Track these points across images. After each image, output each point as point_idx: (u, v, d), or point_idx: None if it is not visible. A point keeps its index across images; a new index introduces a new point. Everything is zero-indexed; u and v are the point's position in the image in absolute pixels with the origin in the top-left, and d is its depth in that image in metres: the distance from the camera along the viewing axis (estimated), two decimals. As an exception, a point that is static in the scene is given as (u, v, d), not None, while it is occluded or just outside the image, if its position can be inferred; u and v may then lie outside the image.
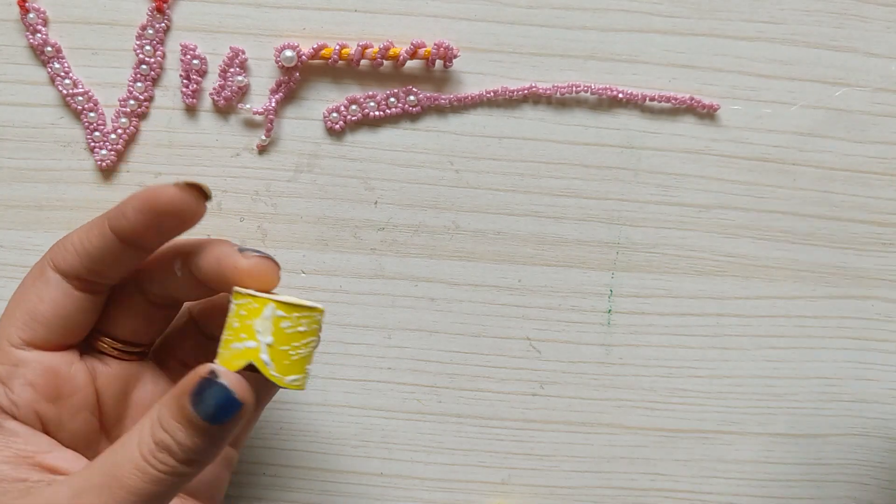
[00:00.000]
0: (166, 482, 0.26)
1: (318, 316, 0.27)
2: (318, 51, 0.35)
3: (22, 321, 0.28)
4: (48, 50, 0.35)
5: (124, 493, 0.25)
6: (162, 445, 0.26)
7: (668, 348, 0.38)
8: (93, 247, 0.28)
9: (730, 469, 0.39)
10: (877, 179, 0.37)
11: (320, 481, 0.38)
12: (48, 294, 0.28)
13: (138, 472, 0.26)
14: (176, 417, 0.26)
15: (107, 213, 0.28)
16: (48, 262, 0.28)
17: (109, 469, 0.26)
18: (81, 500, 0.25)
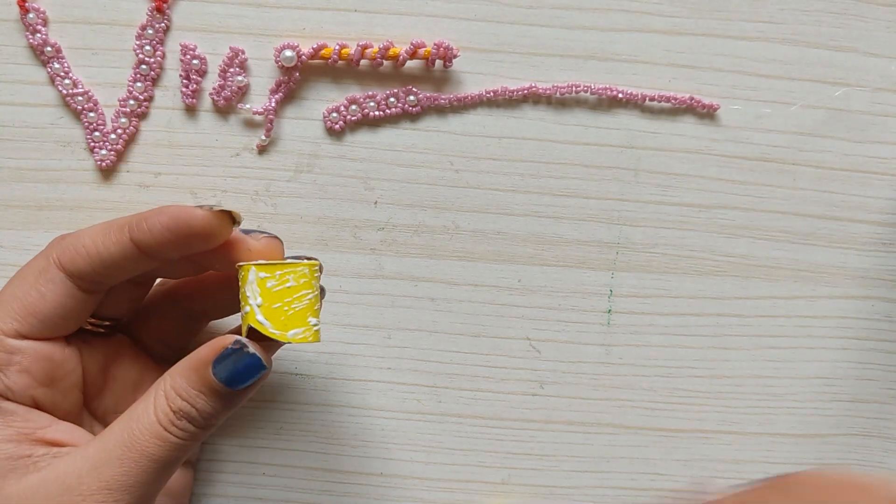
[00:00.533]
0: (184, 447, 0.28)
1: (304, 269, 0.28)
2: (318, 51, 0.35)
3: (19, 315, 0.29)
4: (48, 50, 0.35)
5: (145, 462, 0.27)
6: (181, 413, 0.27)
7: (668, 348, 0.38)
8: (108, 253, 0.28)
9: (730, 469, 0.39)
10: (877, 179, 0.37)
11: (320, 481, 0.38)
12: (51, 293, 0.29)
13: (158, 440, 0.27)
14: (196, 386, 0.28)
15: (125, 221, 0.29)
16: (53, 260, 0.29)
17: (128, 440, 0.27)
18: (103, 472, 0.27)
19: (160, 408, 0.28)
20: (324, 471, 0.38)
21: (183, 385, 0.28)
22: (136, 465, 0.27)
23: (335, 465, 0.38)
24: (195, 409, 0.28)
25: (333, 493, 0.38)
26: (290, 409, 0.38)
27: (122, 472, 0.27)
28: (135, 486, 0.27)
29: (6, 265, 0.36)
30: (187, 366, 0.28)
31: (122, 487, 0.27)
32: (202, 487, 0.38)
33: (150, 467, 0.27)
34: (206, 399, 0.28)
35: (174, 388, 0.28)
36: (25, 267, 0.30)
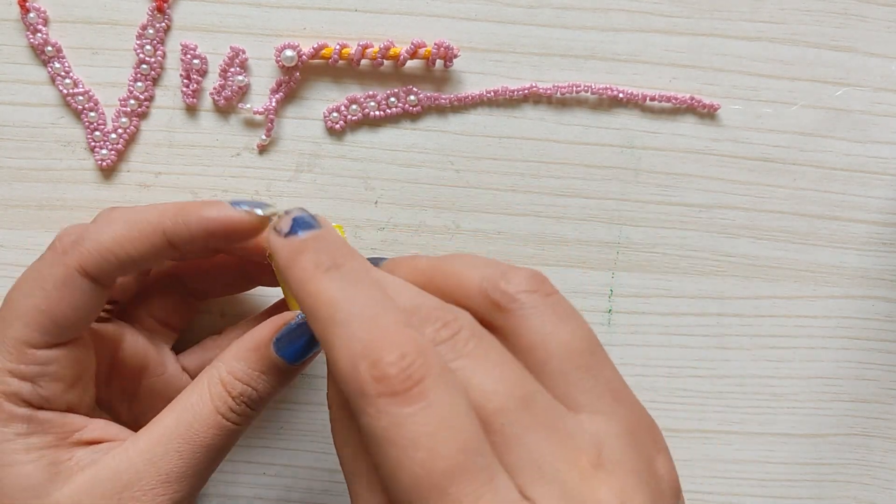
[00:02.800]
0: (240, 431, 0.28)
1: None
2: (319, 50, 0.35)
3: (47, 327, 0.27)
4: (48, 49, 0.35)
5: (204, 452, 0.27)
6: (241, 398, 0.27)
7: (668, 348, 0.38)
8: (139, 254, 0.28)
9: (730, 469, 0.39)
10: (877, 179, 0.37)
11: (320, 481, 0.38)
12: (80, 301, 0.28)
13: (216, 430, 0.27)
14: (257, 367, 0.28)
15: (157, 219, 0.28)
16: (76, 269, 0.27)
17: (185, 433, 0.27)
18: (161, 466, 0.27)
19: (218, 396, 0.28)
20: (324, 471, 0.38)
21: (242, 368, 0.28)
22: (194, 456, 0.27)
23: (335, 465, 0.38)
24: (256, 392, 0.28)
25: (333, 493, 0.38)
26: (290, 409, 0.38)
27: (181, 464, 0.27)
28: (193, 477, 0.27)
29: (6, 265, 0.36)
30: (245, 347, 0.28)
31: (181, 479, 0.27)
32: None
33: (208, 457, 0.27)
34: (266, 378, 0.28)
35: (232, 372, 0.28)
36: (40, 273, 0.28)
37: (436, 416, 0.20)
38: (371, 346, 0.20)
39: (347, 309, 0.22)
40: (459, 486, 0.19)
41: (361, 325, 0.21)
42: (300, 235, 0.24)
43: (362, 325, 0.21)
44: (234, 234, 0.28)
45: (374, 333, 0.21)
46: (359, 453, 0.24)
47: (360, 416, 0.21)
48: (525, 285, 0.24)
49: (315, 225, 0.24)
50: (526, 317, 0.24)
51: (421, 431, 0.20)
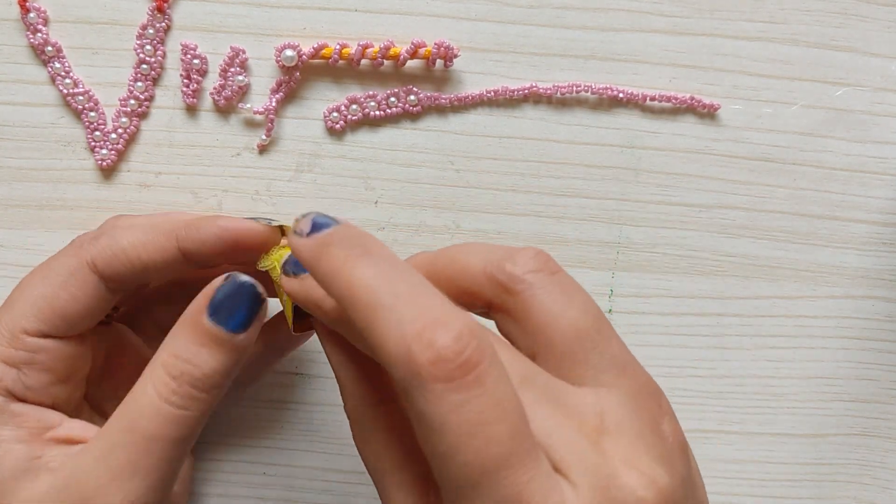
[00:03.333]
0: (191, 418, 0.26)
1: None
2: (319, 50, 0.35)
3: (46, 315, 0.28)
4: (49, 49, 0.35)
5: (150, 444, 0.25)
6: (183, 378, 0.25)
7: (668, 348, 0.38)
8: (151, 260, 0.28)
9: (730, 469, 0.39)
10: (877, 179, 0.37)
11: (321, 481, 0.38)
12: (84, 296, 0.28)
13: (160, 417, 0.25)
14: (194, 340, 0.26)
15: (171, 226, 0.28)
16: (88, 263, 0.28)
17: (127, 425, 0.25)
18: (109, 463, 0.25)
19: (157, 380, 0.26)
20: (324, 470, 0.38)
21: (179, 344, 0.26)
22: (140, 449, 0.25)
23: (335, 465, 0.38)
24: (198, 368, 0.25)
25: (333, 493, 0.38)
26: (290, 409, 0.38)
27: (128, 460, 0.25)
28: (145, 471, 0.25)
29: (6, 265, 0.36)
30: (180, 323, 0.26)
31: (132, 476, 0.25)
32: (202, 487, 0.38)
33: (157, 448, 0.25)
34: (207, 352, 0.26)
35: (170, 351, 0.26)
36: (51, 264, 0.29)
37: (490, 402, 0.20)
38: (424, 328, 0.19)
39: (391, 290, 0.20)
40: (511, 470, 0.19)
41: (409, 306, 0.20)
42: (324, 231, 0.23)
43: (410, 307, 0.20)
44: (246, 243, 0.28)
45: (425, 314, 0.20)
46: (383, 451, 0.24)
47: (413, 400, 0.20)
48: (531, 265, 0.24)
49: (334, 222, 0.23)
50: (534, 297, 0.24)
51: (477, 419, 0.19)
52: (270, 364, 0.34)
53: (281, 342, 0.33)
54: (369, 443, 0.25)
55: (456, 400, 0.19)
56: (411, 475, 0.24)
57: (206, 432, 0.37)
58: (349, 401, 0.25)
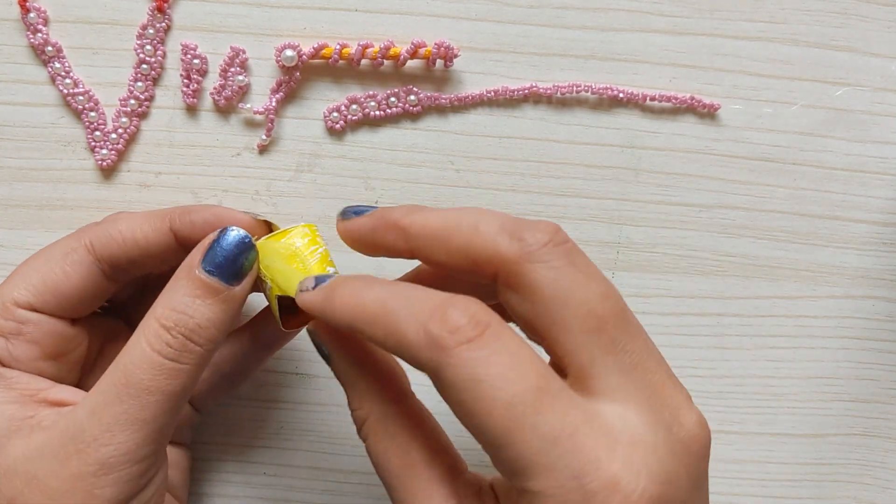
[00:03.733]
0: (185, 371, 0.26)
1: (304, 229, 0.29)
2: (319, 50, 0.35)
3: (37, 289, 0.28)
4: (49, 49, 0.35)
5: (145, 396, 0.25)
6: (177, 330, 0.26)
7: (668, 348, 0.38)
8: (145, 240, 0.29)
9: (730, 469, 0.39)
10: (877, 179, 0.37)
11: (320, 481, 0.38)
12: (77, 274, 0.29)
13: (154, 369, 0.25)
14: (189, 291, 0.26)
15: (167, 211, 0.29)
16: (85, 243, 0.29)
17: (121, 377, 0.25)
18: (102, 415, 0.25)
19: (151, 331, 0.26)
20: (324, 471, 0.38)
21: (175, 296, 0.26)
22: (135, 401, 0.25)
23: (335, 465, 0.38)
24: (193, 319, 0.26)
25: (333, 493, 0.38)
26: (290, 409, 0.38)
27: (122, 410, 0.25)
28: (139, 423, 0.25)
29: (6, 265, 0.36)
30: (175, 277, 0.27)
31: (126, 427, 0.25)
32: (202, 487, 0.38)
33: (151, 401, 0.25)
34: (202, 303, 0.26)
35: (165, 304, 0.26)
36: (53, 244, 0.30)
37: (512, 349, 0.22)
38: (434, 309, 0.22)
39: (399, 296, 0.23)
40: (548, 403, 0.21)
41: (417, 301, 0.23)
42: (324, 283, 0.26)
43: (419, 301, 0.23)
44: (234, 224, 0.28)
45: (432, 301, 0.23)
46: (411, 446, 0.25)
47: (443, 374, 0.22)
48: (547, 238, 0.24)
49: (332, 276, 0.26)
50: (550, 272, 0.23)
51: (505, 364, 0.22)
52: (261, 361, 0.34)
53: (268, 337, 0.33)
54: (395, 438, 0.25)
55: (481, 355, 0.21)
56: (441, 468, 0.25)
57: (206, 432, 0.37)
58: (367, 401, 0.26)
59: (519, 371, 0.22)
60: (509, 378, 0.21)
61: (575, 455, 0.21)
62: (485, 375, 0.21)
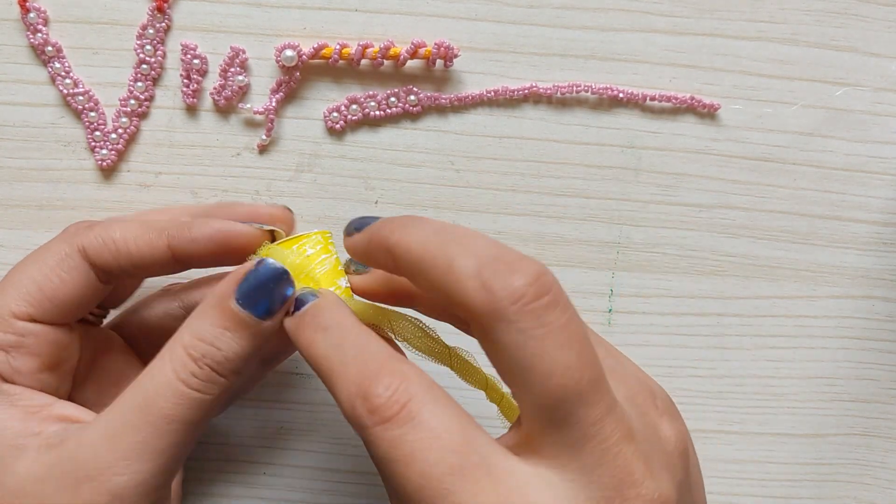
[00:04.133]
0: (207, 402, 0.25)
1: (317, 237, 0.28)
2: (319, 50, 0.35)
3: (35, 298, 0.28)
4: (49, 49, 0.35)
5: (165, 425, 0.25)
6: (204, 361, 0.25)
7: (668, 348, 0.38)
8: (139, 253, 0.28)
9: (730, 469, 0.39)
10: (877, 179, 0.37)
11: (321, 481, 0.38)
12: (72, 280, 0.28)
13: (177, 399, 0.25)
14: (219, 323, 0.26)
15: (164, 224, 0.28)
16: (78, 248, 0.28)
17: (142, 403, 0.25)
18: (118, 442, 0.25)
19: (177, 360, 0.25)
20: (324, 471, 0.38)
21: (204, 326, 0.25)
22: (154, 430, 0.25)
23: (335, 465, 0.38)
24: (220, 352, 0.25)
25: (334, 493, 0.38)
26: (290, 409, 0.38)
27: (140, 440, 0.24)
28: (156, 453, 0.25)
29: (6, 265, 0.36)
30: (205, 305, 0.26)
31: (142, 456, 0.25)
32: (202, 487, 0.38)
33: (170, 430, 0.25)
34: (231, 336, 0.25)
35: (193, 333, 0.26)
36: (43, 250, 0.29)
37: (425, 430, 0.22)
38: (362, 385, 0.22)
39: (339, 359, 0.23)
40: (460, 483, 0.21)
41: (353, 368, 0.23)
42: (300, 311, 0.26)
43: (353, 369, 0.23)
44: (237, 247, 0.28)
45: (364, 373, 0.23)
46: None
47: (368, 449, 0.22)
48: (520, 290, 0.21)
49: (312, 298, 0.26)
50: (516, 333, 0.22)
51: (415, 446, 0.21)
52: (263, 376, 0.34)
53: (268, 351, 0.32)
54: None
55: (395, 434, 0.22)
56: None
57: (205, 432, 0.37)
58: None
59: (430, 451, 0.21)
60: (420, 458, 0.21)
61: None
62: (397, 456, 0.21)
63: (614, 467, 0.22)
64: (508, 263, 0.22)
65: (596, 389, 0.22)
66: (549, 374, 0.21)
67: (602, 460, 0.22)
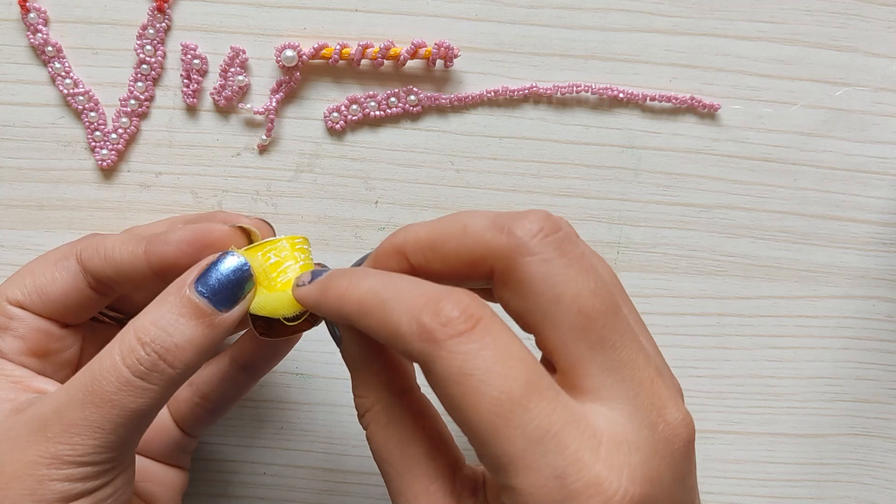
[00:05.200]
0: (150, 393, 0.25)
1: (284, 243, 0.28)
2: (319, 50, 0.35)
3: (28, 290, 0.29)
4: (49, 50, 0.35)
5: (107, 408, 0.25)
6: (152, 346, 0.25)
7: (668, 348, 0.38)
8: (122, 261, 0.28)
9: (730, 469, 0.39)
10: (877, 179, 0.37)
11: (320, 481, 0.38)
12: (62, 280, 0.29)
13: (119, 382, 0.25)
14: (173, 308, 0.25)
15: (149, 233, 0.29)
16: (77, 252, 0.29)
17: (89, 383, 0.25)
18: (65, 415, 0.25)
19: (126, 344, 0.25)
20: (324, 471, 0.38)
21: (159, 312, 0.25)
22: (96, 409, 0.25)
23: (335, 465, 0.38)
24: (171, 338, 0.25)
25: (334, 493, 0.38)
26: (290, 409, 0.38)
27: (84, 416, 0.25)
28: (97, 430, 0.25)
29: (6, 265, 0.36)
30: (164, 292, 0.26)
31: (83, 431, 0.25)
32: (202, 487, 0.38)
33: (112, 414, 0.25)
34: (185, 323, 0.25)
35: (147, 317, 0.25)
36: (54, 250, 0.30)
37: (502, 344, 0.22)
38: (428, 302, 0.22)
39: (392, 288, 0.23)
40: (535, 401, 0.21)
41: (411, 293, 0.23)
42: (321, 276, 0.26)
43: (412, 293, 0.23)
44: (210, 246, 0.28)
45: (425, 294, 0.22)
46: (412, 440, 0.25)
47: (433, 366, 0.22)
48: (536, 228, 0.23)
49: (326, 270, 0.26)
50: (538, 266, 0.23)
51: (495, 358, 0.21)
52: (245, 387, 0.33)
53: (246, 358, 0.32)
54: (397, 429, 0.25)
55: (472, 348, 0.21)
56: (441, 463, 0.25)
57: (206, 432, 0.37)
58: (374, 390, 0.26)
59: (508, 366, 0.22)
60: (498, 373, 0.21)
61: (558, 454, 0.21)
62: (474, 369, 0.21)
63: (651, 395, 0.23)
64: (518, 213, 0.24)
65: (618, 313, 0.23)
66: (578, 297, 0.23)
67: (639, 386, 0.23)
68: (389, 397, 0.26)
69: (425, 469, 0.24)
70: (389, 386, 0.26)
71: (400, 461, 0.25)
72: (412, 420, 0.25)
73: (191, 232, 0.28)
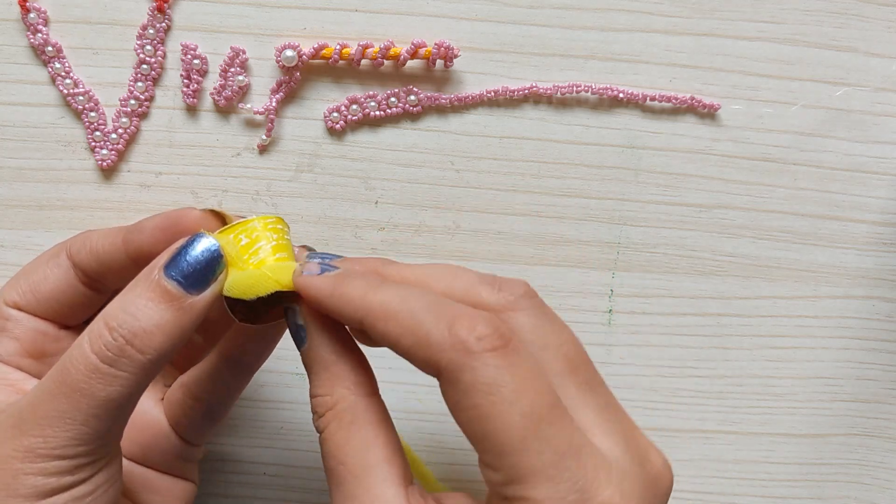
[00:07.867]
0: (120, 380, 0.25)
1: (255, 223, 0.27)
2: (319, 50, 0.35)
3: (23, 289, 0.29)
4: (49, 50, 0.35)
5: (78, 397, 0.24)
6: (119, 331, 0.24)
7: (668, 348, 0.38)
8: (105, 252, 0.29)
9: (730, 469, 0.39)
10: (877, 179, 0.37)
11: (320, 481, 0.38)
12: (53, 276, 0.29)
13: (88, 370, 0.24)
14: (143, 293, 0.25)
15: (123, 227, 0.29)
16: (66, 247, 0.29)
17: (60, 374, 0.25)
18: (38, 407, 0.25)
19: (94, 331, 0.25)
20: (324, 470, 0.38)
21: (129, 297, 0.25)
22: (67, 400, 0.24)
23: (336, 465, 0.38)
24: (138, 322, 0.24)
25: (334, 493, 0.38)
26: (290, 409, 0.38)
27: (55, 407, 0.24)
28: (69, 422, 0.24)
29: (6, 265, 0.36)
30: (138, 276, 0.26)
31: (55, 423, 0.24)
32: (202, 487, 0.38)
33: (83, 404, 0.24)
34: (154, 307, 0.25)
35: (117, 303, 0.25)
36: (52, 247, 0.30)
37: (531, 362, 0.23)
38: (462, 316, 0.23)
39: (423, 298, 0.24)
40: (559, 420, 0.23)
41: (445, 305, 0.24)
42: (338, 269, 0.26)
43: (444, 305, 0.24)
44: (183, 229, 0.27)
45: (459, 309, 0.24)
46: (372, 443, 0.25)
47: (461, 373, 0.23)
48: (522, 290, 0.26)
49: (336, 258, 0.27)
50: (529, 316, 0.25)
51: (524, 377, 0.23)
52: (238, 386, 0.32)
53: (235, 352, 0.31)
54: (361, 432, 0.25)
55: (504, 363, 0.23)
56: (397, 470, 0.25)
57: (206, 432, 0.37)
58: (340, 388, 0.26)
59: (537, 384, 0.23)
60: (528, 388, 0.23)
61: (580, 471, 0.22)
62: (506, 382, 0.22)
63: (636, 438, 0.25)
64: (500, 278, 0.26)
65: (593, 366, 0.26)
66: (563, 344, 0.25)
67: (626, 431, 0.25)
68: (356, 397, 0.26)
69: (384, 475, 0.24)
70: (357, 386, 0.26)
71: (358, 464, 0.25)
72: (375, 424, 0.25)
73: (163, 218, 0.28)
